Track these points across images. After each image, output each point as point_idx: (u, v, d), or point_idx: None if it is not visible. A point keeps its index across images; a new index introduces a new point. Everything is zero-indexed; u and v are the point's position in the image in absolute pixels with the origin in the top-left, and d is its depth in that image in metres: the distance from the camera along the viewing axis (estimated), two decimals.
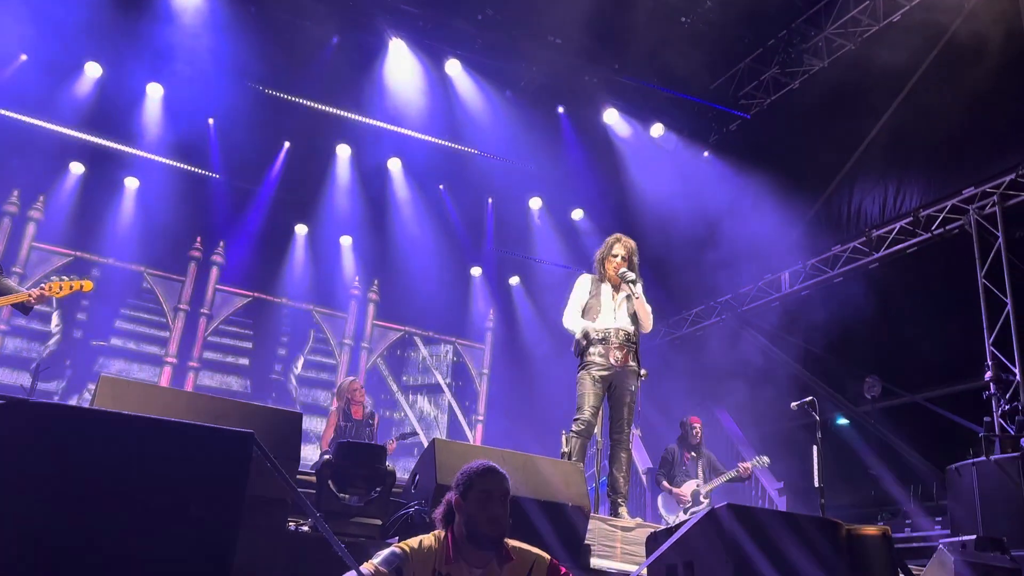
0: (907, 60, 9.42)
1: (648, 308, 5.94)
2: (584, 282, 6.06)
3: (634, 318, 5.90)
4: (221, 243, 12.33)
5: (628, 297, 5.92)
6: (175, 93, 10.87)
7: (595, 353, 5.75)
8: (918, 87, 9.41)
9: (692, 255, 11.16)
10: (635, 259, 6.03)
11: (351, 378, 8.87)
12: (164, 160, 11.40)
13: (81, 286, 5.34)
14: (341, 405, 8.30)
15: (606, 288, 5.96)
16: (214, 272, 12.27)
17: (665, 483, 8.04)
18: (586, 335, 5.80)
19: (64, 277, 5.33)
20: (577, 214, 13.48)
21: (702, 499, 7.86)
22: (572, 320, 5.95)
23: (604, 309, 5.87)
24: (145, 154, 11.27)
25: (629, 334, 5.83)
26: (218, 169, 11.83)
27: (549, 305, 13.53)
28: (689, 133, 12.26)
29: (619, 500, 5.66)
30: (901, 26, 9.67)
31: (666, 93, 11.68)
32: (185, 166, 11.64)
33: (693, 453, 8.12)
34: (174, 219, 11.58)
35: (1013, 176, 8.31)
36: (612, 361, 5.71)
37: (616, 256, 5.96)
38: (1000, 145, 8.49)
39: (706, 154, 12.42)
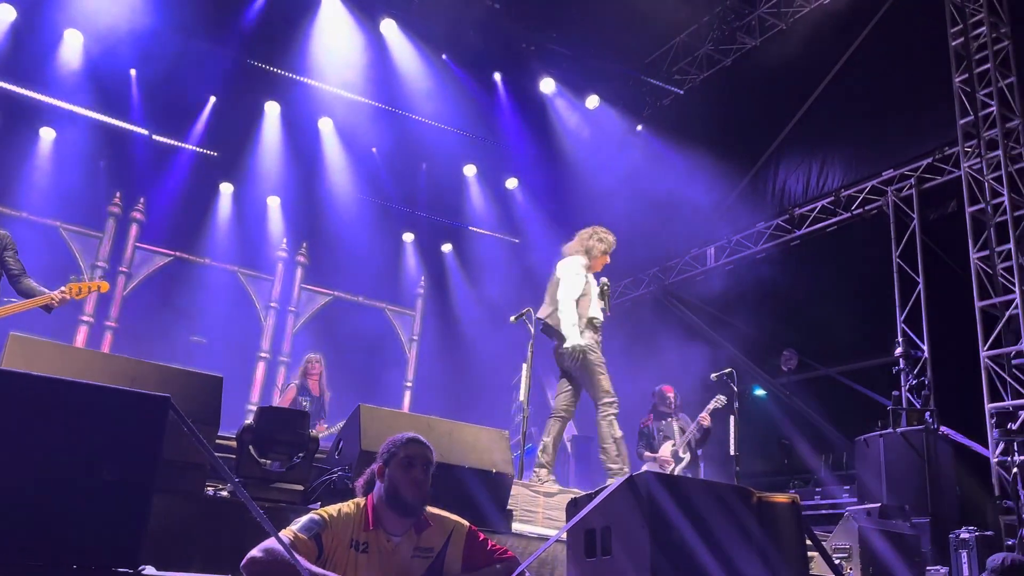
0: (835, 43, 9.67)
1: None
2: (581, 270, 6.31)
3: None
4: (142, 199, 11.88)
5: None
6: (95, 41, 10.36)
7: (596, 338, 6.22)
8: (844, 70, 9.66)
9: (622, 227, 11.24)
10: None
11: (314, 354, 8.72)
12: (83, 111, 10.88)
13: (99, 287, 5.81)
14: (301, 380, 8.27)
15: (591, 277, 6.39)
16: (134, 229, 11.82)
17: (646, 452, 7.85)
18: (592, 322, 6.21)
19: (82, 277, 5.59)
20: (511, 183, 13.46)
21: (681, 455, 7.75)
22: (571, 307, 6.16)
23: (593, 298, 6.28)
24: (63, 104, 10.73)
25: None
26: (140, 122, 11.35)
27: (481, 272, 13.54)
28: (623, 106, 12.34)
29: (545, 467, 5.75)
30: (831, 10, 9.90)
31: (602, 65, 11.70)
32: (105, 118, 11.13)
33: (667, 420, 7.95)
34: (92, 173, 11.10)
35: (930, 160, 8.64)
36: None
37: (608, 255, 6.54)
38: (919, 130, 8.81)
39: (639, 127, 12.54)
